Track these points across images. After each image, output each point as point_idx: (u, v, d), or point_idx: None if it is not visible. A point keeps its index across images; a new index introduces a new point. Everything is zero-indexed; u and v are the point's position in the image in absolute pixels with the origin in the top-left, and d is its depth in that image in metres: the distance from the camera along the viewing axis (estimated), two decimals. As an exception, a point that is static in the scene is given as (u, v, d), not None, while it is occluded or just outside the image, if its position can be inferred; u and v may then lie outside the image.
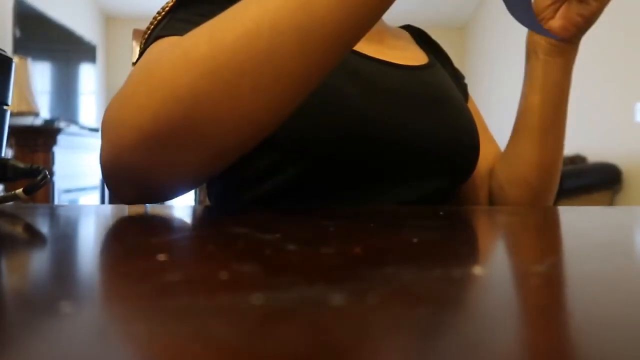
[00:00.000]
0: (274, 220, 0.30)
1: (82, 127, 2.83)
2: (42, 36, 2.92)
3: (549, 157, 0.54)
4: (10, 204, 0.39)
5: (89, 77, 3.61)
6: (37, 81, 2.69)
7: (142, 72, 0.33)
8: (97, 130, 2.84)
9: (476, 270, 0.16)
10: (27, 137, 2.33)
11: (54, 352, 0.09)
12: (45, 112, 2.81)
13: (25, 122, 2.38)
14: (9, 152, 2.25)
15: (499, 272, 0.17)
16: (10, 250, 0.20)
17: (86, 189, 2.84)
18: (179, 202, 0.37)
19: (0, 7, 2.59)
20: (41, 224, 0.29)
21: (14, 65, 0.41)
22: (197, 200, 0.81)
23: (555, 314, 0.12)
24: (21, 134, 2.31)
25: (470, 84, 0.73)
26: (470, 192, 0.64)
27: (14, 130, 2.26)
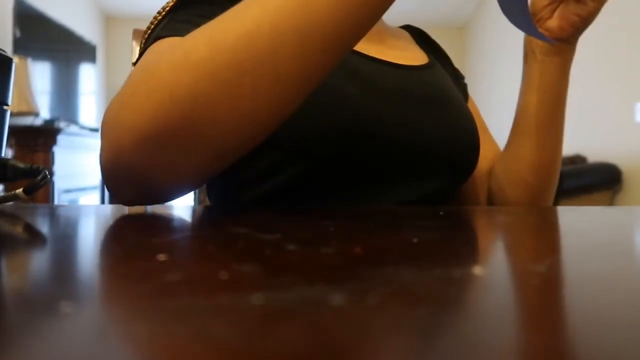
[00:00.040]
0: (274, 220, 0.30)
1: (82, 127, 2.83)
2: (42, 36, 2.93)
3: (547, 157, 0.54)
4: (10, 204, 0.39)
5: (89, 77, 3.61)
6: (37, 81, 2.69)
7: (141, 73, 0.33)
8: (97, 130, 2.84)
9: (476, 270, 0.16)
10: (27, 137, 2.33)
11: (54, 352, 0.09)
12: (45, 112, 2.81)
13: (25, 122, 2.38)
14: (9, 152, 2.25)
15: (499, 272, 0.17)
16: (10, 250, 0.20)
17: (86, 189, 2.84)
18: (179, 202, 0.37)
19: (0, 7, 2.59)
20: (41, 224, 0.29)
21: (14, 65, 0.41)
22: (197, 200, 0.81)
23: (555, 314, 0.12)
24: (21, 134, 2.31)
25: (470, 84, 0.73)
26: (470, 192, 0.64)
27: (14, 130, 2.26)
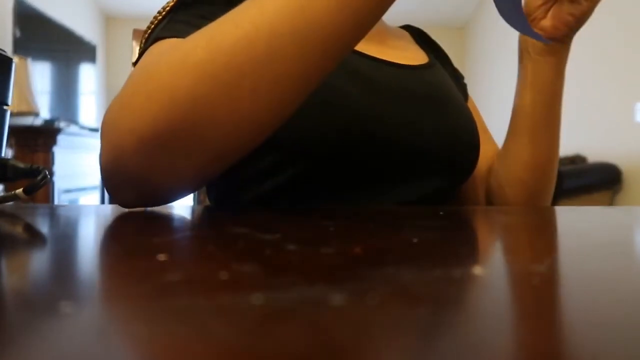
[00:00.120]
0: (274, 220, 0.30)
1: (82, 127, 2.83)
2: (42, 36, 2.92)
3: (543, 156, 0.54)
4: (10, 204, 0.39)
5: (89, 77, 3.61)
6: (37, 81, 2.69)
7: (141, 74, 0.33)
8: (97, 130, 2.84)
9: (476, 270, 0.16)
10: (27, 137, 2.33)
11: (54, 352, 0.09)
12: (45, 112, 2.81)
13: (25, 122, 2.38)
14: (9, 152, 2.25)
15: (499, 272, 0.17)
16: (10, 250, 0.20)
17: (86, 189, 2.84)
18: (178, 203, 0.37)
19: (0, 7, 2.59)
20: (41, 224, 0.29)
21: (14, 65, 0.41)
22: (197, 200, 0.81)
23: (555, 314, 0.12)
24: (21, 134, 2.31)
25: (470, 84, 0.73)
26: (470, 192, 0.64)
27: (14, 130, 2.26)
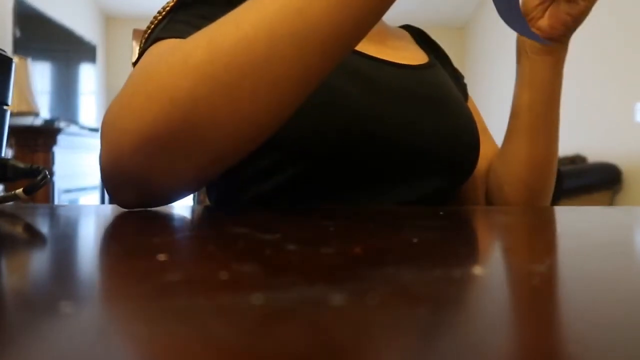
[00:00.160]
0: (274, 220, 0.30)
1: (82, 127, 2.83)
2: (42, 36, 2.92)
3: (542, 155, 0.54)
4: (10, 204, 0.39)
5: (89, 77, 3.61)
6: (37, 81, 2.69)
7: (141, 75, 0.33)
8: (97, 130, 2.84)
9: (476, 270, 0.16)
10: (27, 137, 2.33)
11: (54, 352, 0.09)
12: (45, 112, 2.81)
13: (25, 122, 2.38)
14: (9, 152, 2.25)
15: (499, 272, 0.17)
16: (10, 250, 0.20)
17: (86, 189, 2.84)
18: (178, 203, 0.38)
19: (0, 7, 2.59)
20: (41, 224, 0.29)
21: (14, 65, 0.41)
22: (197, 200, 0.81)
23: (555, 314, 0.12)
24: (21, 134, 2.31)
25: (470, 84, 0.73)
26: (470, 192, 0.64)
27: (14, 130, 2.26)
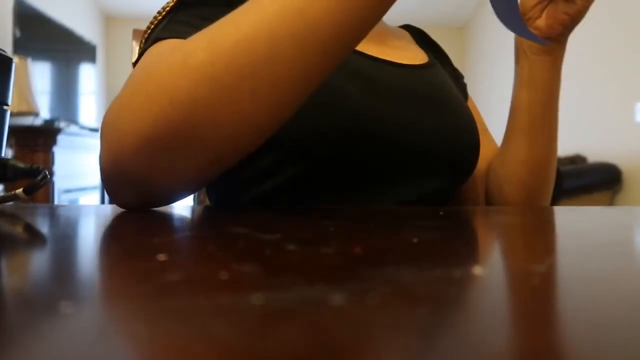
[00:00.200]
0: (274, 220, 0.30)
1: (82, 127, 2.83)
2: (42, 36, 2.92)
3: (541, 155, 0.54)
4: (10, 204, 0.39)
5: (89, 77, 3.61)
6: (37, 81, 2.69)
7: (141, 75, 0.33)
8: (97, 130, 2.84)
9: (476, 270, 0.16)
10: (27, 137, 2.33)
11: (54, 352, 0.09)
12: (45, 112, 2.81)
13: (25, 122, 2.38)
14: (9, 152, 2.25)
15: (499, 272, 0.17)
16: (10, 250, 0.20)
17: (86, 189, 2.84)
18: (178, 203, 0.38)
19: (0, 7, 2.59)
20: (41, 224, 0.29)
21: (14, 65, 0.41)
22: (197, 200, 0.81)
23: (555, 314, 0.12)
24: (21, 134, 2.31)
25: (470, 84, 0.73)
26: (470, 192, 0.64)
27: (14, 130, 2.26)
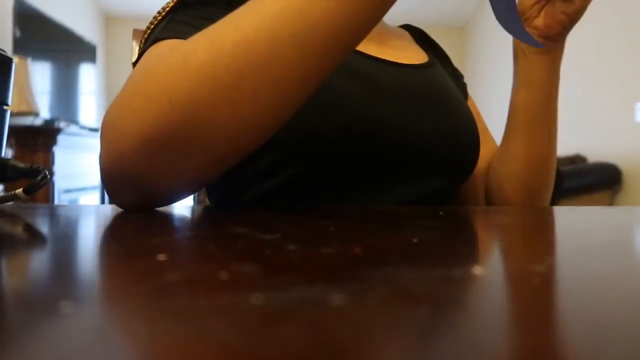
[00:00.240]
0: (274, 220, 0.30)
1: (82, 127, 2.83)
2: (42, 36, 2.92)
3: (541, 154, 0.54)
4: (10, 204, 0.39)
5: (89, 77, 3.61)
6: (37, 81, 2.69)
7: (141, 75, 0.33)
8: (97, 130, 2.84)
9: (476, 270, 0.16)
10: (27, 137, 2.33)
11: (54, 352, 0.09)
12: (45, 112, 2.81)
13: (25, 122, 2.38)
14: (9, 152, 2.25)
15: (499, 272, 0.17)
16: (10, 250, 0.20)
17: (86, 189, 2.84)
18: (178, 203, 0.38)
19: (0, 7, 2.59)
20: (41, 224, 0.29)
21: (14, 65, 0.41)
22: (197, 200, 0.81)
23: (555, 314, 0.12)
24: (21, 134, 2.31)
25: (470, 84, 0.73)
26: (470, 191, 0.64)
27: (14, 130, 2.26)
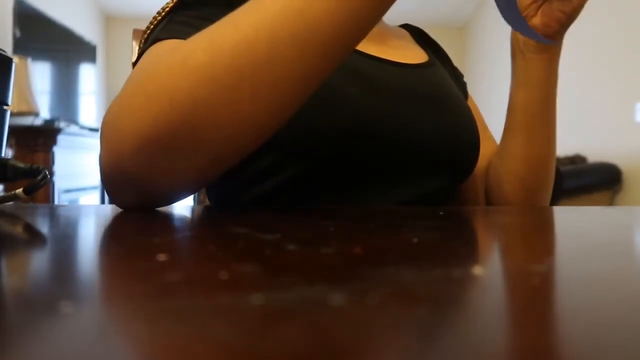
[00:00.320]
0: (274, 220, 0.30)
1: (82, 127, 2.83)
2: (42, 36, 2.92)
3: (540, 153, 0.54)
4: (10, 204, 0.39)
5: (89, 77, 3.61)
6: (37, 81, 2.69)
7: (140, 76, 0.33)
8: (97, 130, 2.84)
9: (476, 270, 0.16)
10: (27, 137, 2.33)
11: (54, 352, 0.09)
12: (45, 112, 2.81)
13: (25, 122, 2.38)
14: (9, 152, 2.25)
15: (499, 272, 0.17)
16: (10, 250, 0.20)
17: (86, 189, 2.84)
18: (178, 203, 0.38)
19: (0, 7, 2.59)
20: (41, 224, 0.29)
21: (14, 65, 0.41)
22: (197, 200, 0.81)
23: (555, 314, 0.12)
24: (21, 134, 2.31)
25: (470, 83, 0.73)
26: (470, 191, 0.64)
27: (14, 130, 2.26)
